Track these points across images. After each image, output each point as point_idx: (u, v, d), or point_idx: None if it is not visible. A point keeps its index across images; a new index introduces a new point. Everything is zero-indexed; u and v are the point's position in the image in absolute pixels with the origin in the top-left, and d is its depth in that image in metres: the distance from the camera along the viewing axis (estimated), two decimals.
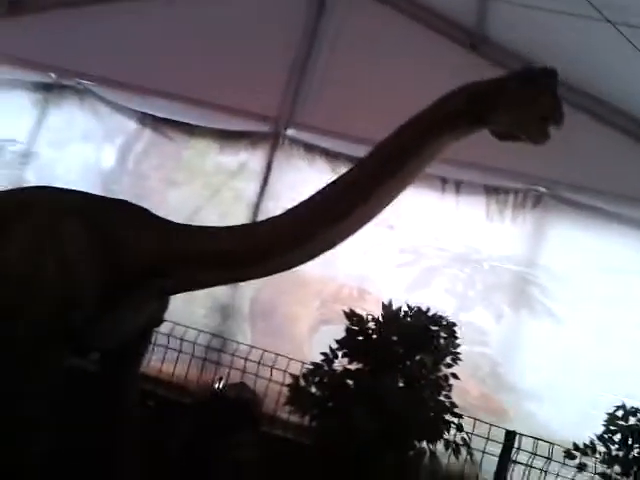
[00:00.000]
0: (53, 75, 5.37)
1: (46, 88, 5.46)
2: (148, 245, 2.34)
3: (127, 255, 2.31)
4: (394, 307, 3.15)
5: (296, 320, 4.97)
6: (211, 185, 5.33)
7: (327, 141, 4.86)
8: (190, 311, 5.24)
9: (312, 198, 2.26)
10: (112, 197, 2.95)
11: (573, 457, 3.00)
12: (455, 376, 3.31)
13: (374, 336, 2.99)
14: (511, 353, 4.60)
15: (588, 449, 3.00)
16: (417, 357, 2.95)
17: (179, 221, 2.63)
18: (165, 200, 5.41)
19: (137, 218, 2.48)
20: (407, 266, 4.92)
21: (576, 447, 3.03)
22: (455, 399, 3.30)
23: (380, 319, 3.09)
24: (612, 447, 3.00)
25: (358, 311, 3.19)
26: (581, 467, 2.98)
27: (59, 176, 5.43)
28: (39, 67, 5.32)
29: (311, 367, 3.06)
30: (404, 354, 2.92)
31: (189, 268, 2.35)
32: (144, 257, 2.32)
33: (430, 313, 3.44)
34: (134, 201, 2.60)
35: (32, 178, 5.52)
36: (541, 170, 4.62)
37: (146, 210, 2.54)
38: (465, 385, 4.72)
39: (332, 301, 4.95)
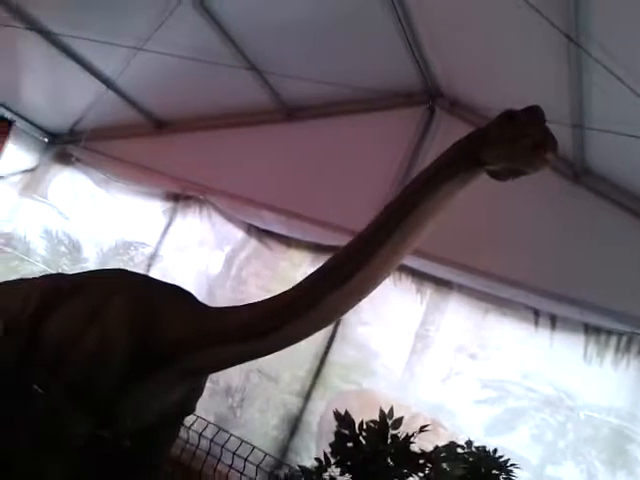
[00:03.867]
0: (181, 187, 6.01)
1: (175, 198, 6.12)
2: (178, 324, 2.45)
3: (160, 331, 2.43)
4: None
5: None
6: None
7: (414, 261, 4.77)
8: (264, 421, 5.19)
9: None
10: (166, 282, 3.11)
11: None
12: None
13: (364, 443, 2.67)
14: None
15: None
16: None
17: None
18: None
19: (179, 300, 2.62)
20: (489, 403, 4.47)
21: None
22: None
23: (373, 426, 2.76)
24: None
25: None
26: None
27: (177, 278, 5.89)
28: (171, 180, 5.99)
29: (299, 473, 2.78)
30: (394, 470, 2.56)
31: (203, 345, 2.41)
32: (173, 335, 2.43)
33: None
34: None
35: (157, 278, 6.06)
36: None
37: (191, 295, 2.67)
38: None
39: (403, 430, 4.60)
